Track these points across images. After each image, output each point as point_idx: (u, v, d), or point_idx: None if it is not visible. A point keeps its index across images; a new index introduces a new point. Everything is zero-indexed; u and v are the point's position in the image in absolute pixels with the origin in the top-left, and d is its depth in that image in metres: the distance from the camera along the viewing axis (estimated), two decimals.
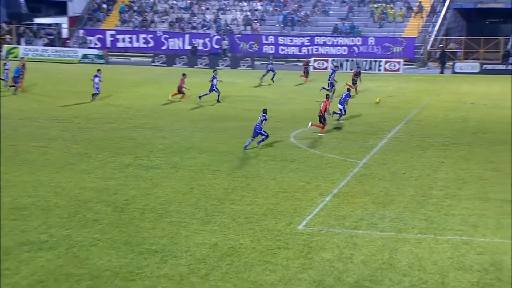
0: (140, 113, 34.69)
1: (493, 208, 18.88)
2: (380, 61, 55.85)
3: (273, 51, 61.40)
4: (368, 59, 56.21)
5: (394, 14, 62.82)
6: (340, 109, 31.98)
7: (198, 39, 62.62)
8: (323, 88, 39.47)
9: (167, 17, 67.68)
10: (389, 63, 55.38)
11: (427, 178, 22.32)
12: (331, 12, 65.07)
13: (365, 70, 54.33)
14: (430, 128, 30.89)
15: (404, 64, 55.88)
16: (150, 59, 60.51)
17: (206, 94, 37.73)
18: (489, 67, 53.85)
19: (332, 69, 40.92)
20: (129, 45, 64.16)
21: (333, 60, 56.81)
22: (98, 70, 38.47)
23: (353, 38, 60.10)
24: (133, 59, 62.67)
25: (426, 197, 20.08)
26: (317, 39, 60.67)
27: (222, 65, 58.34)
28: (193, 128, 30.68)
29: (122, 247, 15.75)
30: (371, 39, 59.25)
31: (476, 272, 14.59)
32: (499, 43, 57.55)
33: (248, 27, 65.20)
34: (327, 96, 30.55)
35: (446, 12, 62.31)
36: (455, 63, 55.41)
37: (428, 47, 59.51)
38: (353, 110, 36.00)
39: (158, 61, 59.87)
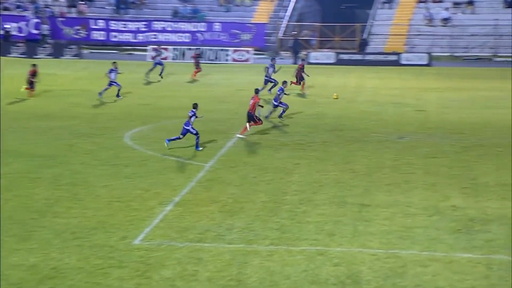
0: None
1: (350, 214, 19.75)
2: (227, 50, 56.62)
3: (104, 38, 60.54)
4: (214, 48, 56.80)
5: None
6: (275, 106, 31.99)
7: (12, 23, 60.33)
8: (267, 88, 38.64)
9: None
10: (237, 52, 56.29)
11: (280, 182, 22.94)
12: None
13: (211, 60, 54.89)
14: (283, 125, 31.74)
15: (254, 54, 57.02)
16: None
17: (106, 89, 37.35)
18: (346, 57, 56.23)
19: (270, 64, 39.90)
20: None
21: (175, 48, 56.87)
22: None
23: (196, 23, 60.47)
24: None
25: (279, 203, 20.63)
26: (155, 24, 60.48)
27: (42, 53, 56.65)
28: (8, 128, 29.63)
29: None
30: (217, 25, 59.92)
31: (332, 285, 15.19)
32: (355, 30, 60.24)
33: (73, 9, 63.77)
34: (256, 91, 30.12)
35: None
36: (309, 52, 57.32)
37: (280, 35, 61.12)
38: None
39: None
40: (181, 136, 26.76)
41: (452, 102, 38.07)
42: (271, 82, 39.11)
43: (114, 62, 38.81)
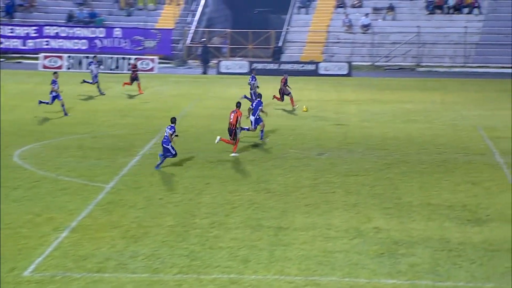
0: None
1: (266, 238, 19.89)
2: (130, 59, 56.16)
3: None
4: (114, 56, 56.34)
5: (145, 0, 63.72)
6: (252, 122, 31.38)
7: None
8: (245, 96, 37.61)
9: None
10: (141, 61, 55.95)
11: (189, 203, 22.93)
12: None
13: (111, 69, 54.46)
14: (192, 141, 31.74)
15: (159, 62, 56.89)
16: None
17: (63, 105, 36.62)
18: (260, 66, 56.60)
19: (252, 75, 38.74)
20: None
21: (70, 56, 56.14)
22: None
23: (94, 28, 59.92)
24: None
25: (188, 227, 20.62)
26: (47, 29, 59.61)
27: None
28: None
29: None
30: (117, 31, 59.53)
31: None
32: (270, 37, 60.85)
33: None
34: (238, 105, 29.66)
35: None
36: (220, 61, 57.57)
37: (188, 42, 61.18)
38: (93, 119, 36.00)
39: None
40: (165, 156, 26.72)
41: (374, 115, 38.87)
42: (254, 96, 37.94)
43: (55, 73, 37.89)
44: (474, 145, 31.57)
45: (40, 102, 36.80)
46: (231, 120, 28.99)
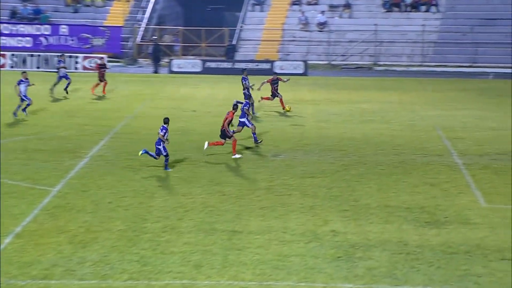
0: None
1: (220, 242, 19.94)
2: (77, 57, 55.93)
3: None
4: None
5: None
6: (245, 123, 31.09)
7: None
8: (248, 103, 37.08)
9: None
10: (89, 60, 55.67)
11: (140, 207, 22.88)
12: None
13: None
14: (143, 143, 31.56)
15: (109, 61, 56.52)
16: None
17: (20, 106, 35.95)
18: (213, 65, 56.78)
19: (244, 76, 38.07)
20: None
21: (13, 54, 55.59)
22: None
23: (39, 25, 59.44)
24: None
25: (138, 232, 20.58)
26: None
27: None
28: None
29: None
30: (64, 28, 59.14)
31: None
32: (224, 35, 60.92)
33: None
34: (235, 107, 29.70)
35: None
36: (172, 59, 57.49)
37: (138, 40, 61.00)
38: (39, 119, 35.70)
39: None
40: (157, 157, 27.07)
41: (330, 115, 39.11)
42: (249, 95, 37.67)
43: (24, 72, 37.41)
44: (432, 146, 31.94)
45: (24, 109, 36.18)
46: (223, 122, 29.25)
